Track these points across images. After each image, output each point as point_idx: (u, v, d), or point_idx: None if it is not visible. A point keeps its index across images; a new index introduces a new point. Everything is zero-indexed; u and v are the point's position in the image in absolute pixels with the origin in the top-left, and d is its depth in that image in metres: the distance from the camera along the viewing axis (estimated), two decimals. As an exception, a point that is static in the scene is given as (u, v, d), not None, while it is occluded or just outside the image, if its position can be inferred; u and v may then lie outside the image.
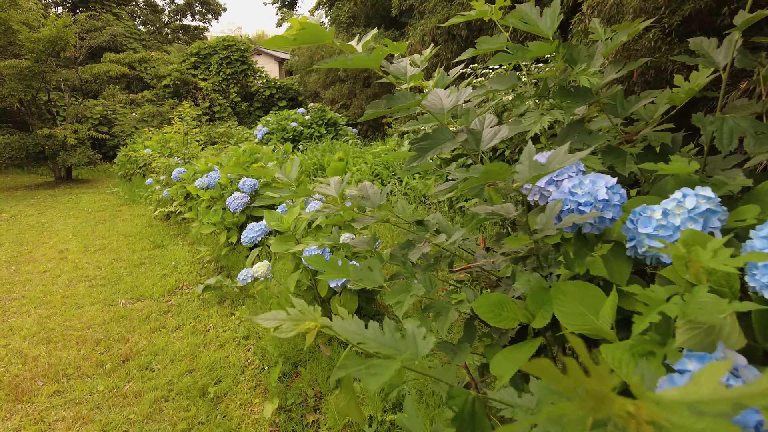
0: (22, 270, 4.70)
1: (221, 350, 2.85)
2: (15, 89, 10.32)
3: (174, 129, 6.51)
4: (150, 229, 6.09)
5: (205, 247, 4.46)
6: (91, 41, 12.08)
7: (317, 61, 17.53)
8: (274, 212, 2.19)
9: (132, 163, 9.62)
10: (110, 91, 14.65)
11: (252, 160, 3.92)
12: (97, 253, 5.19)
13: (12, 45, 10.61)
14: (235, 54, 17.71)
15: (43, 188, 11.11)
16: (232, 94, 17.34)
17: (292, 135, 10.33)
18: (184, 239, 5.53)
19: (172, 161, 6.45)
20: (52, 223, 6.93)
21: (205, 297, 3.62)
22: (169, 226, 6.20)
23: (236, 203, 3.62)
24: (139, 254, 5.06)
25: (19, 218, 7.44)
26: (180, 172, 5.65)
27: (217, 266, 4.27)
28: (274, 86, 18.38)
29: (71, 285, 4.21)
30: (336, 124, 11.24)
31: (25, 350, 3.02)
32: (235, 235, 3.83)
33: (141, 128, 13.84)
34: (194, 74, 17.25)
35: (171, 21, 26.67)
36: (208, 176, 4.06)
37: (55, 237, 6.01)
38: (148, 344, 3.01)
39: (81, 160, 11.46)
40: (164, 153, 7.54)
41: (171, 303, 3.68)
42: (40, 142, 10.85)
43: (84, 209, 7.99)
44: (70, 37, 10.31)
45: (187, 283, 4.03)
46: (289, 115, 10.83)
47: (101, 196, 9.32)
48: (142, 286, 4.06)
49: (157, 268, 4.55)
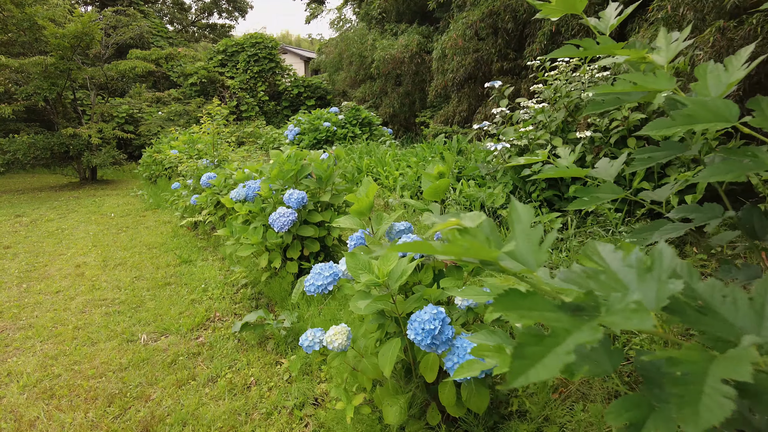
0: (33, 289, 4.12)
1: (268, 423, 2.15)
2: (40, 87, 9.94)
3: (202, 128, 5.90)
4: (176, 240, 5.48)
5: (240, 267, 3.79)
6: (118, 37, 11.66)
7: (346, 58, 16.92)
8: (359, 257, 1.48)
9: (157, 164, 9.11)
10: (136, 90, 14.29)
11: (298, 167, 3.22)
12: (118, 268, 4.59)
13: (38, 42, 10.25)
14: (263, 51, 17.21)
15: (68, 189, 10.73)
16: (260, 92, 16.84)
17: (325, 135, 9.68)
18: (214, 253, 4.89)
19: (201, 164, 5.84)
20: (72, 230, 6.41)
21: (243, 336, 2.94)
22: (197, 236, 5.59)
23: (282, 221, 2.94)
24: (164, 271, 4.44)
25: (40, 223, 6.96)
26: (210, 177, 5.02)
27: (254, 292, 3.60)
28: (302, 85, 17.81)
29: (86, 311, 3.59)
30: (371, 124, 10.55)
31: (22, 409, 2.38)
32: (278, 259, 3.14)
33: (167, 127, 13.42)
34: (221, 72, 16.81)
35: (198, 19, 26.44)
36: (246, 186, 3.38)
37: (73, 247, 5.45)
38: (174, 405, 2.33)
39: (106, 160, 11.05)
40: (191, 154, 6.95)
41: (201, 341, 3.01)
42: (65, 141, 10.46)
43: (106, 214, 7.48)
44: (95, 33, 9.87)
45: (219, 314, 3.36)
46: (322, 115, 10.18)
47: (125, 199, 8.83)
48: (166, 314, 3.42)
49: (184, 290, 3.90)
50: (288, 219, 2.95)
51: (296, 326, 2.73)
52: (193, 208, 5.77)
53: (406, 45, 14.28)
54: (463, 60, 11.61)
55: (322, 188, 3.30)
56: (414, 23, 15.45)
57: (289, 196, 3.03)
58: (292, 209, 3.03)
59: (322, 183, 3.27)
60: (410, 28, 15.33)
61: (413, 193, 6.00)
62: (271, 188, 3.26)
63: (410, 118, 16.49)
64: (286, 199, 3.03)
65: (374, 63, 14.63)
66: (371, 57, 15.45)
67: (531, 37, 10.25)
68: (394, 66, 14.62)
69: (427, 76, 15.18)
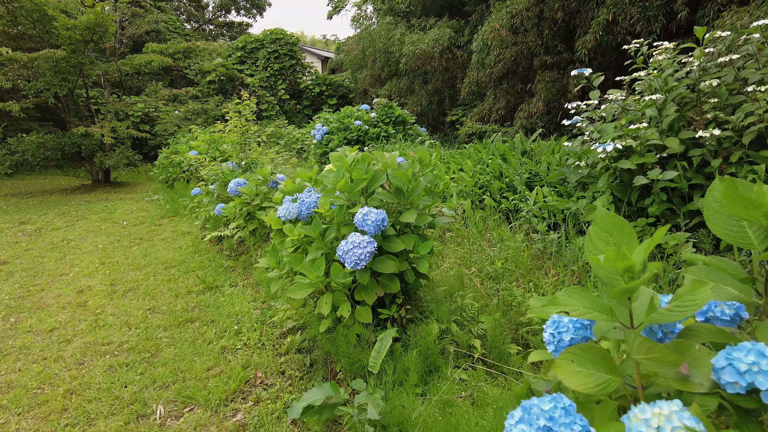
0: (22, 325, 3.29)
1: None
2: (50, 83, 9.22)
3: (228, 126, 5.04)
4: (197, 257, 4.63)
5: (283, 303, 2.92)
6: (133, 30, 10.92)
7: (370, 55, 16.04)
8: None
9: (174, 166, 8.31)
10: (152, 88, 13.57)
11: (370, 176, 2.33)
12: (128, 296, 3.75)
13: (48, 34, 9.54)
14: (284, 48, 16.44)
15: (79, 192, 10.02)
16: (280, 90, 16.06)
17: (356, 135, 8.80)
18: (244, 276, 4.03)
19: (226, 167, 4.98)
20: (80, 241, 5.61)
21: (303, 420, 2.05)
22: (222, 252, 4.74)
23: (357, 254, 2.04)
24: (184, 301, 3.57)
25: (44, 232, 6.19)
26: (239, 184, 4.16)
27: (305, 339, 2.70)
28: (324, 83, 17.00)
29: (84, 362, 2.74)
30: (404, 123, 9.65)
31: None
32: (345, 305, 2.24)
33: (184, 127, 12.67)
34: (240, 70, 16.06)
35: (215, 17, 25.82)
36: (298, 200, 2.49)
37: (78, 265, 4.64)
38: None
39: (120, 161, 10.32)
40: (214, 156, 6.12)
41: (240, 420, 2.13)
42: (77, 141, 9.74)
43: (118, 222, 6.68)
44: (108, 24, 9.13)
45: (261, 374, 2.48)
46: (352, 113, 9.31)
47: (139, 205, 8.05)
48: (190, 370, 2.55)
49: (211, 330, 3.03)
50: (365, 251, 2.05)
51: (387, 415, 1.82)
52: (217, 218, 4.92)
53: (436, 39, 13.35)
54: (502, 54, 10.64)
55: (402, 204, 2.40)
56: (444, 17, 14.51)
57: (363, 217, 2.13)
58: (368, 236, 2.13)
59: (402, 197, 2.37)
60: (440, 22, 14.39)
61: (475, 200, 5.08)
62: (333, 203, 2.37)
63: (439, 117, 15.54)
64: (360, 222, 2.14)
65: (402, 59, 13.73)
66: (398, 52, 14.57)
67: (582, 27, 9.25)
68: (423, 62, 13.71)
69: (458, 73, 14.23)
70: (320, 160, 8.95)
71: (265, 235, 4.31)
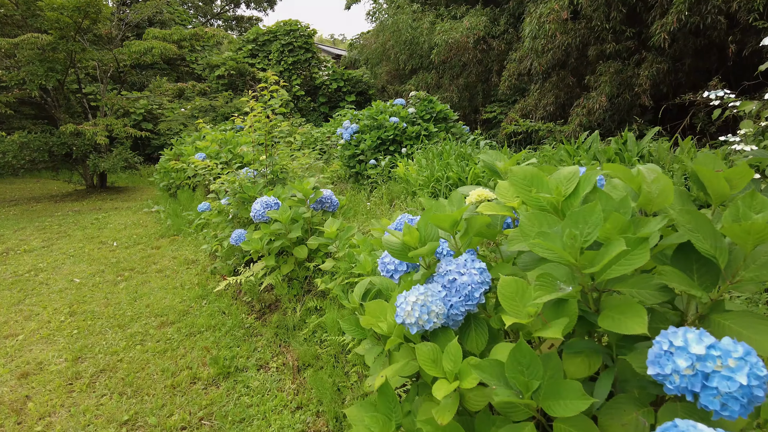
0: None
1: None
2: (34, 72, 7.88)
3: (248, 121, 3.64)
4: (207, 306, 3.25)
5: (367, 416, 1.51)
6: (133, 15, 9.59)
7: (392, 47, 14.62)
8: None
9: (177, 171, 6.96)
10: (156, 83, 12.24)
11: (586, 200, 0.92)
12: (96, 387, 2.36)
13: (34, 18, 8.21)
14: (299, 40, 15.07)
15: (70, 200, 8.68)
16: (295, 86, 14.70)
17: (392, 134, 7.42)
18: (275, 347, 2.63)
19: (244, 176, 3.59)
20: (52, 272, 4.26)
21: None
22: (240, 300, 3.35)
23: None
24: (186, 402, 2.19)
25: (12, 256, 4.85)
26: (268, 206, 2.77)
27: None
28: (342, 78, 15.61)
29: None
30: (446, 119, 8.24)
31: None
32: None
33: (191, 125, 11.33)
34: (251, 63, 14.71)
35: (223, 11, 24.51)
36: (444, 280, 1.10)
37: (36, 318, 3.27)
38: None
39: (116, 164, 8.98)
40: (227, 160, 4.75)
41: None
42: (66, 141, 8.41)
43: (107, 241, 5.33)
44: (102, 6, 7.79)
45: None
46: (385, 108, 7.92)
47: (136, 217, 6.69)
48: None
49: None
50: None
51: None
52: (232, 250, 3.52)
53: (470, 28, 11.92)
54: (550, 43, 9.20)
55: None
56: (477, 4, 13.07)
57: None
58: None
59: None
60: (472, 10, 12.95)
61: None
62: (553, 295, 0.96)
63: (470, 113, 14.08)
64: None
65: (434, 49, 12.30)
66: (427, 43, 13.14)
67: (659, 8, 7.79)
68: (455, 53, 12.28)
69: (494, 66, 12.77)
70: (348, 164, 7.57)
71: (305, 282, 2.92)
